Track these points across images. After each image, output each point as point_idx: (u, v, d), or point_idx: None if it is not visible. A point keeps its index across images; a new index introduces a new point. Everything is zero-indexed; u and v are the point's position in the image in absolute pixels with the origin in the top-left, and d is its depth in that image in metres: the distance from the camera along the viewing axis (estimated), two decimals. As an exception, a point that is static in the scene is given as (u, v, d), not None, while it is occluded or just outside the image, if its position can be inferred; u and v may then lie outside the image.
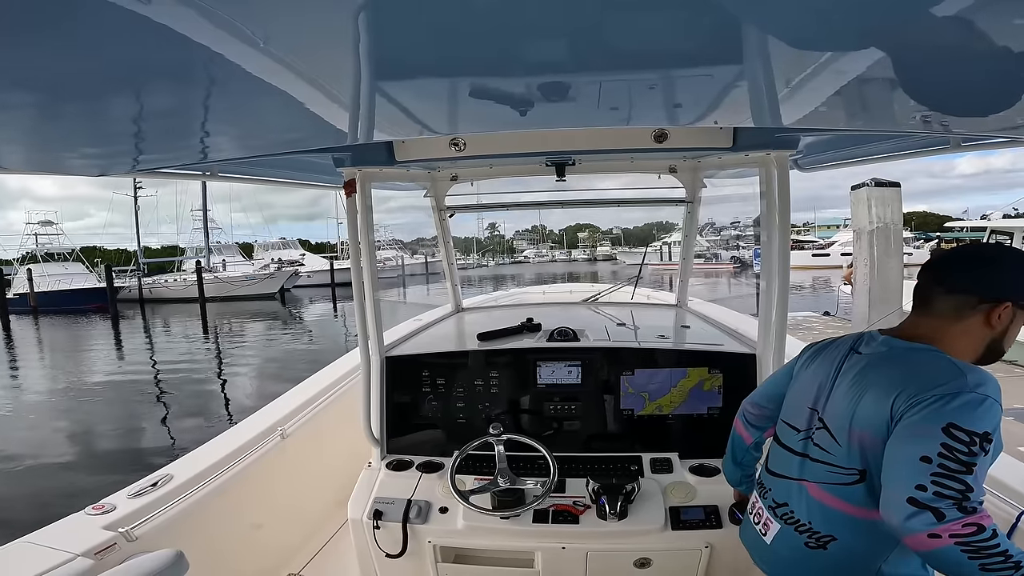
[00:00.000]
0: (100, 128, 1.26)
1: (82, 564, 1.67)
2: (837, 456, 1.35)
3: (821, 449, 1.39)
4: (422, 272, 40.82)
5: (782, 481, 1.50)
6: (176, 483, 2.19)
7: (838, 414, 1.36)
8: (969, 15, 0.71)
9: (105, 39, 0.73)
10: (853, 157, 2.49)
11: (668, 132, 2.05)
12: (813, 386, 1.47)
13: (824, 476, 1.38)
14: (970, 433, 1.11)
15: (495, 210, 3.58)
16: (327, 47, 0.83)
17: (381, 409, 2.53)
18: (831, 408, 1.39)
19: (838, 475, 1.34)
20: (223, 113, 1.21)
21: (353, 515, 2.22)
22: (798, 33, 0.81)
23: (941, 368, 1.22)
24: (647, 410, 2.44)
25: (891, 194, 7.12)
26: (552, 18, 0.75)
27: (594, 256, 78.43)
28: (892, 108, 1.34)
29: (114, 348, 18.28)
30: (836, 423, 1.36)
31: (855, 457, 1.31)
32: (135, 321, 25.30)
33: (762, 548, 1.53)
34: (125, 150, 1.51)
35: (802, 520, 1.41)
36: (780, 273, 2.20)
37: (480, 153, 2.22)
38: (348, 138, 1.57)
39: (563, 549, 2.09)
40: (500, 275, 46.64)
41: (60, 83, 0.89)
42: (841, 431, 1.34)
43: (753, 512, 1.61)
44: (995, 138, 1.81)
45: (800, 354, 1.61)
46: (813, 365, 1.51)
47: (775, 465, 1.55)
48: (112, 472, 6.95)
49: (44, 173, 1.71)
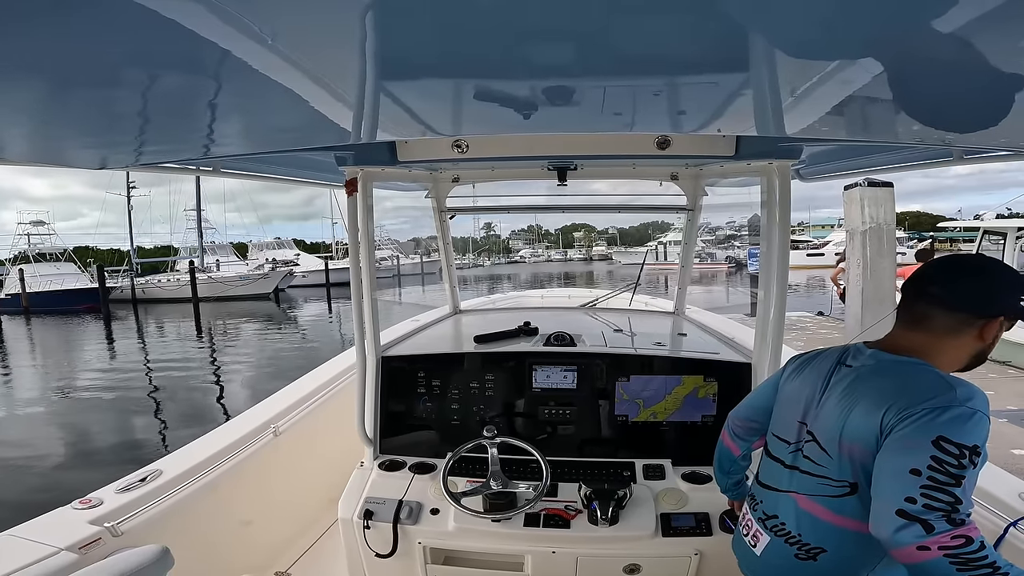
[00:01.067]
0: (105, 119, 1.25)
1: (65, 558, 1.66)
2: (828, 468, 1.35)
3: (811, 461, 1.39)
4: (416, 272, 40.78)
5: (772, 493, 1.50)
6: (165, 478, 2.18)
7: (828, 427, 1.35)
8: (973, 29, 0.70)
9: (114, 31, 0.73)
10: (854, 168, 2.50)
11: (671, 139, 2.05)
12: (801, 399, 1.46)
13: (814, 488, 1.37)
14: (960, 446, 1.11)
15: (497, 213, 3.60)
16: (334, 45, 0.83)
17: (375, 409, 2.52)
18: (821, 421, 1.38)
19: (828, 487, 1.34)
20: (229, 108, 1.21)
21: (343, 514, 2.21)
22: (804, 42, 0.81)
23: (931, 382, 1.22)
24: (641, 416, 2.44)
25: (884, 194, 7.11)
26: (558, 21, 0.75)
27: (590, 256, 78.61)
28: (896, 120, 1.34)
29: (106, 348, 18.16)
30: (826, 436, 1.36)
31: (846, 469, 1.30)
32: (127, 321, 25.16)
33: (752, 559, 1.53)
34: (129, 142, 1.50)
35: (792, 532, 1.41)
36: (779, 282, 2.20)
37: (482, 155, 2.22)
38: (351, 137, 1.57)
39: (553, 553, 2.08)
40: (496, 275, 46.63)
41: (67, 72, 0.89)
42: (831, 443, 1.34)
43: (743, 523, 1.61)
44: (998, 151, 1.81)
45: (785, 366, 1.60)
46: (799, 378, 1.50)
47: (765, 477, 1.55)
48: (99, 470, 6.92)
49: (45, 164, 1.68)
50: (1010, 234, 9.58)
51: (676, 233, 46.39)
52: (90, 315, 26.73)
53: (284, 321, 24.12)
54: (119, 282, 33.36)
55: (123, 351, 17.48)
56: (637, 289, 4.09)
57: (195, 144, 1.58)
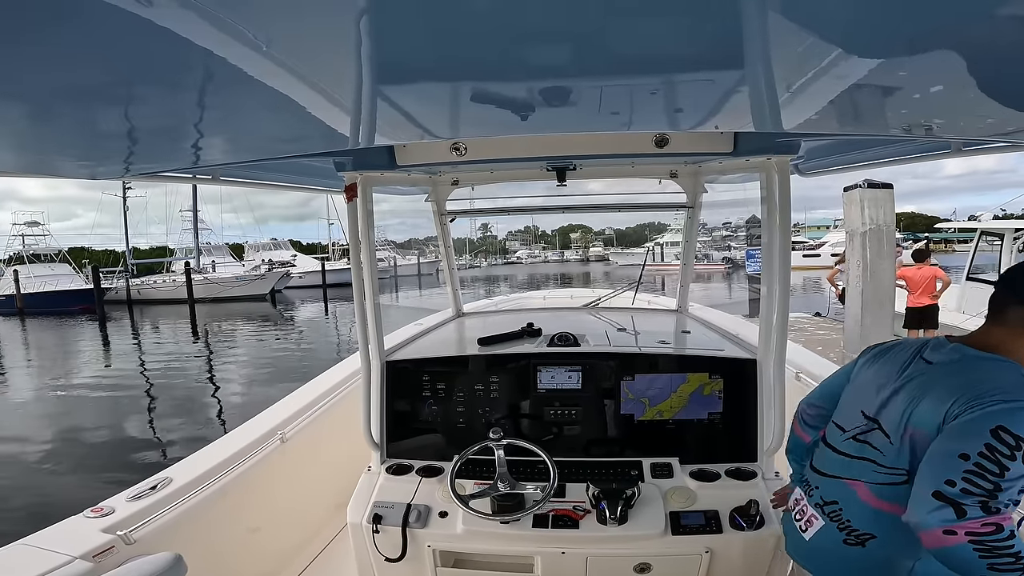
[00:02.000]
0: (100, 131, 1.24)
1: (80, 567, 1.67)
2: (887, 456, 1.37)
3: (873, 448, 1.41)
4: (414, 273, 40.75)
5: (829, 480, 1.53)
6: (176, 486, 2.19)
7: (895, 415, 1.37)
8: (970, 20, 0.70)
9: (108, 42, 0.73)
10: (854, 162, 2.50)
11: (669, 137, 2.05)
12: (872, 388, 1.49)
13: (872, 476, 1.40)
14: (1017, 438, 1.11)
15: (497, 215, 3.61)
16: (329, 51, 0.82)
17: (381, 413, 2.52)
18: (889, 410, 1.40)
19: (885, 474, 1.37)
20: (225, 117, 1.20)
21: (352, 519, 2.22)
22: (799, 37, 0.81)
23: (1008, 379, 1.23)
24: (648, 415, 2.43)
25: (884, 195, 7.13)
26: (554, 22, 0.75)
27: (587, 257, 78.63)
28: (894, 113, 1.34)
29: (101, 350, 18.08)
30: (892, 424, 1.38)
31: (904, 457, 1.33)
32: (123, 322, 25.04)
33: (800, 543, 1.56)
34: (123, 153, 1.50)
35: (845, 518, 1.44)
36: (781, 278, 2.20)
37: (481, 157, 2.23)
38: (349, 142, 1.57)
39: (563, 554, 2.08)
40: (493, 276, 46.58)
41: (60, 86, 0.89)
42: (896, 431, 1.36)
43: (796, 509, 1.64)
44: (995, 142, 1.82)
45: (860, 355, 1.64)
46: (875, 367, 1.53)
47: (822, 464, 1.58)
48: (97, 474, 6.92)
49: (35, 175, 1.69)
50: (1007, 235, 9.61)
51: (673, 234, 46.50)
52: (85, 316, 26.59)
53: (280, 322, 24.05)
54: (114, 283, 33.25)
55: (118, 352, 17.41)
56: (639, 288, 4.10)
57: (193, 153, 1.58)
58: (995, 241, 10.04)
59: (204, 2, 0.62)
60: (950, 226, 20.67)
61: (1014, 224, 10.01)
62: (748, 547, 2.07)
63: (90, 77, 0.87)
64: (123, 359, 16.11)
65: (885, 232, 7.09)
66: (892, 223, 7.17)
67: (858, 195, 7.13)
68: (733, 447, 2.36)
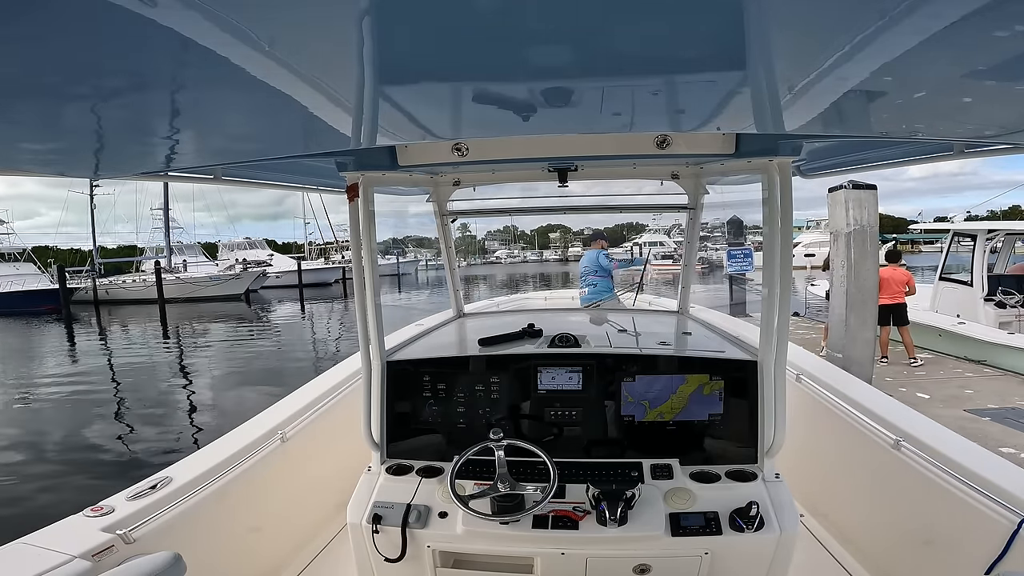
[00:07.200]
0: (103, 128, 1.22)
1: (79, 566, 1.68)
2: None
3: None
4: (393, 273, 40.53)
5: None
6: (175, 486, 2.21)
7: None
8: (970, 21, 0.70)
9: (111, 38, 0.72)
10: (855, 163, 2.53)
11: (670, 138, 2.06)
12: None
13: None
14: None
15: (499, 216, 3.64)
16: (332, 52, 0.83)
17: (381, 413, 2.50)
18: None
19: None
20: (228, 116, 1.21)
21: (352, 519, 2.20)
22: (801, 39, 0.82)
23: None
24: (649, 417, 2.42)
25: (868, 196, 7.27)
26: (556, 23, 0.75)
27: (565, 256, 79.08)
28: (896, 114, 1.35)
29: (67, 351, 17.58)
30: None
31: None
32: (90, 323, 24.41)
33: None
34: (129, 153, 1.50)
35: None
36: (782, 280, 2.20)
37: (483, 158, 2.23)
38: (351, 142, 1.57)
39: (562, 555, 2.07)
40: (472, 276, 46.55)
41: (65, 83, 0.89)
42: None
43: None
44: (997, 144, 1.84)
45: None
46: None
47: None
48: (55, 479, 6.74)
49: (39, 175, 1.66)
50: (980, 236, 9.89)
51: (651, 234, 46.80)
52: (51, 316, 25.96)
53: (256, 322, 23.69)
54: (81, 283, 32.43)
55: (84, 352, 17.00)
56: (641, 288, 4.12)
57: (195, 153, 1.58)
58: (967, 243, 10.33)
59: (208, 1, 0.62)
60: (918, 227, 21.27)
61: (986, 225, 10.32)
62: (748, 549, 2.07)
63: (103, 78, 0.89)
64: (89, 360, 15.70)
65: (869, 232, 7.23)
66: (876, 224, 7.31)
67: (843, 196, 7.27)
68: (733, 449, 2.36)
